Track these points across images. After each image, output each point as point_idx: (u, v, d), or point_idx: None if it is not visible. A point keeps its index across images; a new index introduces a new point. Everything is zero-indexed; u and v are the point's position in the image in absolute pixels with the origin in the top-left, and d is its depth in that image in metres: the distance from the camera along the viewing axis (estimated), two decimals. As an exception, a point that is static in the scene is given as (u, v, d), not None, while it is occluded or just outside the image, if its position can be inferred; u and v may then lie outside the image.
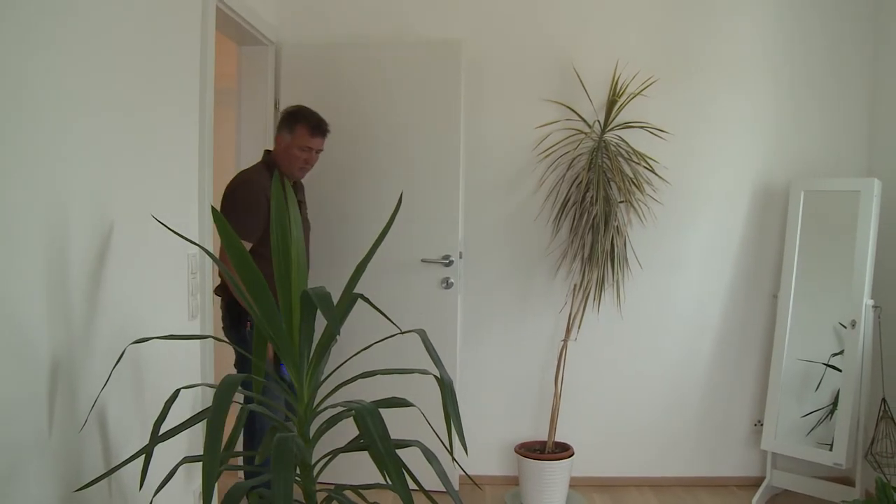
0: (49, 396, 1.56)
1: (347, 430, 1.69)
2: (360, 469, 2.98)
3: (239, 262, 1.65)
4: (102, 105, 1.79)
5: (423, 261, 3.38)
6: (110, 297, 1.83)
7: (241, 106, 3.50)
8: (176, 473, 1.70)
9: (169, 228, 1.88)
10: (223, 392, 1.43)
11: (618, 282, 3.43)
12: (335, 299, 1.62)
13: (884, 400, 3.22)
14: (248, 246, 2.74)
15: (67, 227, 1.64)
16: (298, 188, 3.12)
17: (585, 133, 3.45)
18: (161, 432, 1.63)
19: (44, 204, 1.55)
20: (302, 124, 2.93)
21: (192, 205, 2.41)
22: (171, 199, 2.25)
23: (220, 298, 2.88)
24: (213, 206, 1.85)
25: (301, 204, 3.08)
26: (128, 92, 1.93)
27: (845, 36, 3.55)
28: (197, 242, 2.16)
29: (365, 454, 1.55)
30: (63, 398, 1.61)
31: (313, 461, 1.72)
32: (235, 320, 2.84)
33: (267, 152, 3.03)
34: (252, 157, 3.49)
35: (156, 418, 1.65)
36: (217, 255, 2.42)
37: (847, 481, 3.28)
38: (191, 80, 2.39)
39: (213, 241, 2.34)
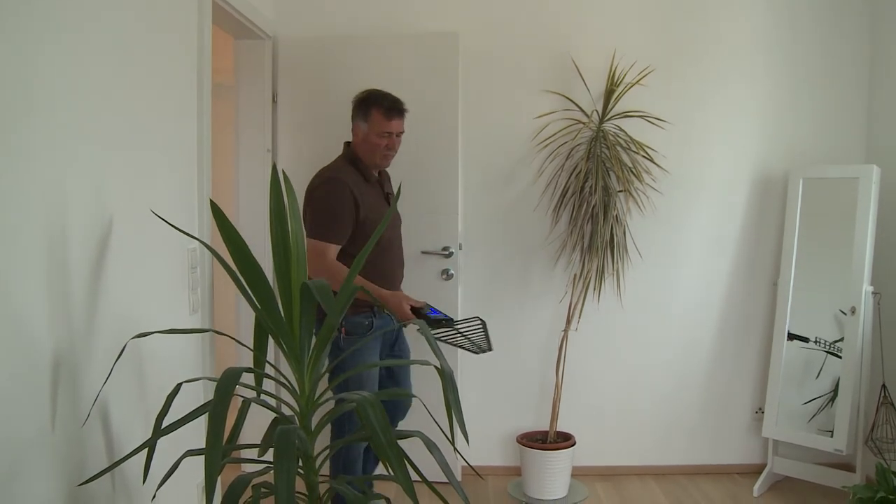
0: (51, 392, 1.57)
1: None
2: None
3: (239, 257, 1.66)
4: (99, 100, 1.79)
5: (423, 252, 3.38)
6: (111, 292, 1.83)
7: (239, 100, 3.50)
8: (179, 467, 1.71)
9: (168, 223, 1.88)
10: (224, 385, 1.44)
11: (618, 271, 3.42)
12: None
13: (884, 386, 3.22)
14: (335, 249, 2.60)
15: (67, 223, 1.64)
16: (385, 178, 2.93)
17: (584, 123, 3.45)
18: (163, 426, 1.63)
19: (43, 199, 1.55)
20: (375, 108, 2.74)
21: (191, 199, 2.41)
22: (171, 193, 2.25)
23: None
24: (211, 200, 1.85)
25: (389, 196, 2.90)
26: (124, 86, 1.92)
27: (843, 22, 3.54)
28: (196, 237, 2.16)
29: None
30: (65, 393, 1.62)
31: (315, 453, 1.73)
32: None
33: (346, 144, 2.85)
34: (251, 151, 3.50)
35: (158, 412, 1.66)
36: (217, 249, 2.41)
37: (848, 467, 3.29)
38: (188, 74, 2.39)
39: (212, 236, 2.34)
